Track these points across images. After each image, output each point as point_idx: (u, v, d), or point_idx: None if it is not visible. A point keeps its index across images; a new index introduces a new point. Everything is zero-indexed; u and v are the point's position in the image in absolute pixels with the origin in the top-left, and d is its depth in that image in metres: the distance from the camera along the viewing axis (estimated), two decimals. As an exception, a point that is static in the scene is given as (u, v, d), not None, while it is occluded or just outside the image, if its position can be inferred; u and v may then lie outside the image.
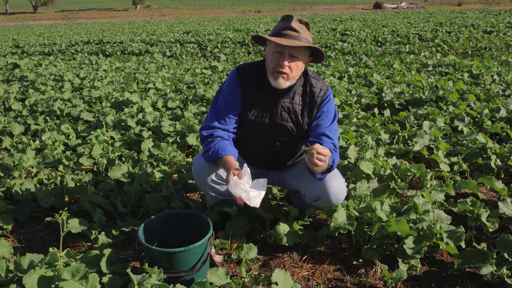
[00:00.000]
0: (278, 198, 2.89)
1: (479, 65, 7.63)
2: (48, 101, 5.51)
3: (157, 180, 3.00)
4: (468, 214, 2.45)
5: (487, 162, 3.20)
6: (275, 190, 2.90)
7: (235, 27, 21.45)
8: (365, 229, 2.29)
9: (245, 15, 45.31)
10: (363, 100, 5.19)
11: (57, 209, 2.64)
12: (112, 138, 4.03)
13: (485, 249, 2.06)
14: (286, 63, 2.06)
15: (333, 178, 2.23)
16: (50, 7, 69.85)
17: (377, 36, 14.25)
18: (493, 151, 3.31)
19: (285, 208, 2.61)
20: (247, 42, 14.33)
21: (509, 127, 4.11)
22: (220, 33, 18.17)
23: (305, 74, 2.25)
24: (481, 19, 19.33)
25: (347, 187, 2.41)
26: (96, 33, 22.95)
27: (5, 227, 2.52)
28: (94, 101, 5.57)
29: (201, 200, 2.75)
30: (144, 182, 2.90)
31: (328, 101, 2.26)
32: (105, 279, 1.82)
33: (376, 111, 4.76)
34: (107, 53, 13.84)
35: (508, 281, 1.90)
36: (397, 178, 2.86)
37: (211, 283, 1.78)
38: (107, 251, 1.97)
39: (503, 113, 4.40)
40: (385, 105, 5.09)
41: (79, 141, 3.98)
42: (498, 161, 3.18)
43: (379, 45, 12.95)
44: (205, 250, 1.97)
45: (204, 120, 2.32)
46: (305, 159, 1.99)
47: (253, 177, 1.98)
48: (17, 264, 1.92)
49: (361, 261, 2.19)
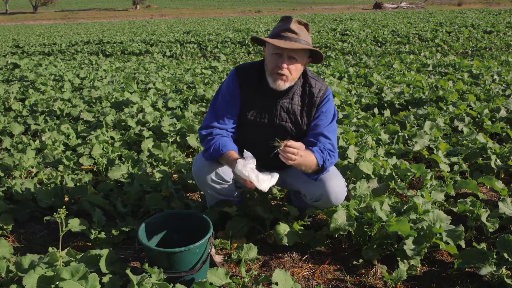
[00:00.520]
0: (278, 198, 2.89)
1: (479, 65, 7.63)
2: (48, 101, 5.51)
3: (157, 180, 3.00)
4: (468, 214, 2.45)
5: (487, 162, 3.20)
6: (275, 190, 2.90)
7: (235, 27, 21.46)
8: (365, 229, 2.29)
9: (245, 15, 45.31)
10: (363, 100, 5.19)
11: (57, 209, 2.63)
12: (112, 138, 4.03)
13: (485, 249, 2.06)
14: (285, 66, 2.06)
15: (333, 178, 2.23)
16: (50, 7, 69.86)
17: (377, 36, 14.25)
18: (493, 151, 3.31)
19: (285, 208, 2.61)
20: (247, 42, 14.34)
21: (509, 127, 4.11)
22: (220, 33, 18.18)
23: (304, 74, 2.25)
24: (481, 19, 19.32)
25: (347, 187, 2.41)
26: (96, 33, 22.95)
27: (5, 227, 2.53)
28: (94, 101, 5.56)
29: (201, 200, 2.75)
30: (144, 182, 2.91)
31: (327, 101, 2.26)
32: (105, 279, 1.82)
33: (376, 111, 4.75)
34: (107, 53, 13.85)
35: (508, 281, 1.90)
36: (397, 178, 2.86)
37: (211, 283, 1.78)
38: (107, 251, 1.97)
39: (503, 113, 4.40)
40: (385, 105, 5.09)
41: (79, 141, 3.98)
42: (498, 161, 3.18)
43: (379, 45, 12.95)
44: (205, 250, 1.97)
45: (203, 119, 2.33)
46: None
47: None
48: (17, 264, 1.92)
49: (361, 261, 2.19)
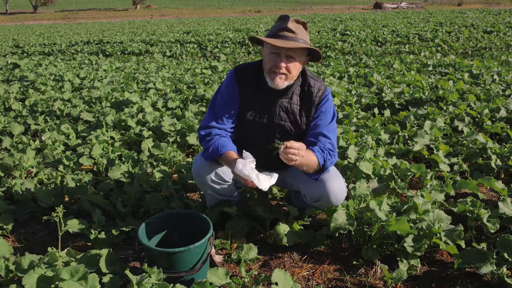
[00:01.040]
0: (278, 198, 2.89)
1: (479, 65, 7.62)
2: (48, 101, 5.51)
3: (157, 180, 3.00)
4: (468, 214, 2.45)
5: (487, 162, 3.20)
6: (275, 190, 2.90)
7: (235, 27, 21.46)
8: (365, 229, 2.29)
9: (245, 15, 45.29)
10: (363, 100, 5.19)
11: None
12: (112, 138, 4.03)
13: (485, 249, 2.06)
14: (283, 65, 2.06)
15: (333, 178, 2.23)
16: (50, 7, 69.85)
17: (377, 36, 14.24)
18: (493, 151, 3.31)
19: (285, 208, 2.61)
20: (247, 42, 14.34)
21: (509, 127, 4.11)
22: (220, 33, 18.18)
23: (303, 74, 2.25)
24: (481, 19, 19.32)
25: (347, 187, 2.41)
26: (96, 33, 22.95)
27: (5, 227, 2.52)
28: (94, 101, 5.56)
29: (201, 200, 2.75)
30: (144, 182, 2.91)
31: (326, 101, 2.25)
32: (105, 279, 1.82)
33: (376, 111, 4.75)
34: (107, 53, 13.85)
35: (508, 281, 1.90)
36: (397, 178, 2.86)
37: (211, 283, 1.78)
38: (107, 251, 1.97)
39: (503, 113, 4.39)
40: (385, 105, 5.09)
41: (79, 141, 3.98)
42: (498, 161, 3.18)
43: (379, 45, 12.94)
44: (205, 250, 1.97)
45: (202, 119, 2.33)
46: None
47: None
48: (17, 264, 1.92)
49: (361, 261, 2.19)
